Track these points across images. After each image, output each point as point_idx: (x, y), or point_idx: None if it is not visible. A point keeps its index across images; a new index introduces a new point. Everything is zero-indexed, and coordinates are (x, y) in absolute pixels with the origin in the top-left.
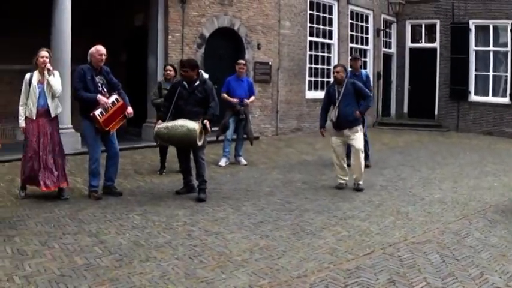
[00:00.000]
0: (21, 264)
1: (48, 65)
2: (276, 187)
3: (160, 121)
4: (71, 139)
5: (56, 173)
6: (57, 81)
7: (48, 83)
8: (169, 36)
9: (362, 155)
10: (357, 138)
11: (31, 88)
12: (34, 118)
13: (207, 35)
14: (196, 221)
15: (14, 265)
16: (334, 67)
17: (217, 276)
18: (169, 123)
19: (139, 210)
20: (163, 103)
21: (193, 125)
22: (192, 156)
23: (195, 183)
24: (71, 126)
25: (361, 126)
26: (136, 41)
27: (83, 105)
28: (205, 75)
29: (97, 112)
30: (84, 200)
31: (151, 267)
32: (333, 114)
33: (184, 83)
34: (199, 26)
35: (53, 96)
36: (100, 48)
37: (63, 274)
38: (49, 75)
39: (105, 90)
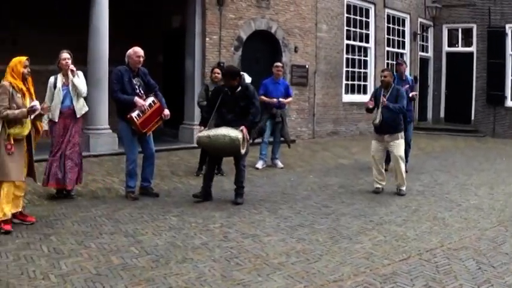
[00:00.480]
0: (57, 262)
1: (72, 66)
2: (312, 190)
3: (202, 127)
4: (108, 139)
5: (69, 173)
6: (82, 81)
7: (73, 84)
8: (207, 39)
9: (402, 162)
10: (397, 145)
11: (55, 91)
12: (56, 120)
13: (244, 37)
14: (232, 223)
15: (50, 263)
16: (382, 71)
17: (253, 279)
18: (211, 132)
19: (176, 212)
20: (205, 108)
21: (236, 134)
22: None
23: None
24: (108, 126)
25: (402, 133)
26: (173, 42)
27: (120, 106)
28: (248, 79)
29: (134, 114)
30: (121, 200)
31: (188, 269)
32: (377, 118)
33: (226, 89)
34: (236, 29)
35: (79, 97)
36: (138, 50)
37: (99, 273)
38: (73, 76)
39: (142, 92)
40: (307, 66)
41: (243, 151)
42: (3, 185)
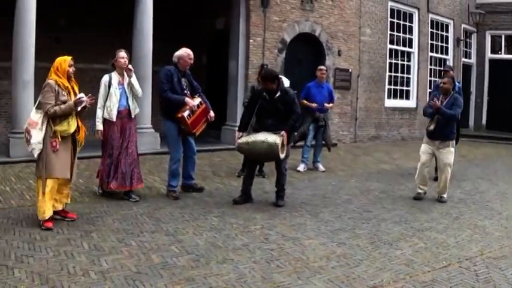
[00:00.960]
0: (98, 259)
1: (130, 66)
2: (353, 195)
3: (241, 134)
4: (150, 139)
5: (130, 174)
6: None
7: (130, 84)
8: (251, 41)
9: (450, 170)
10: (447, 153)
11: (112, 90)
12: (114, 120)
13: (288, 40)
14: (273, 225)
15: (91, 260)
16: (442, 77)
17: (293, 282)
18: (250, 139)
19: (217, 212)
20: (243, 112)
21: (274, 140)
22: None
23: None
24: (150, 126)
25: (453, 142)
26: (217, 44)
27: (167, 106)
28: (287, 83)
29: (185, 114)
30: (162, 200)
31: (228, 269)
32: (432, 124)
33: (265, 93)
34: (280, 31)
35: (134, 97)
36: (190, 52)
37: (139, 271)
38: (130, 75)
39: (189, 92)
40: (350, 70)
41: (282, 156)
42: (48, 182)
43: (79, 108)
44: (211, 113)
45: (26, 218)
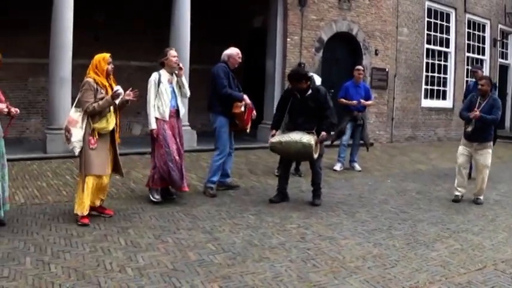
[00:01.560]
0: (134, 256)
1: (181, 64)
2: (390, 195)
3: (274, 131)
4: (187, 136)
5: (184, 173)
6: None
7: (180, 83)
8: (288, 39)
9: (487, 172)
10: (485, 155)
11: (162, 88)
12: (167, 119)
13: (325, 39)
14: (310, 225)
15: (127, 256)
16: (480, 79)
17: (329, 282)
18: (283, 138)
19: (254, 210)
20: (275, 112)
21: (308, 139)
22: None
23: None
24: (188, 123)
25: (491, 143)
26: (254, 42)
27: (224, 102)
28: (318, 81)
29: (242, 109)
30: (199, 197)
31: (264, 268)
32: (470, 126)
33: (296, 92)
34: (317, 30)
35: (183, 96)
36: (239, 51)
37: (175, 268)
38: (180, 75)
39: (239, 90)
40: (387, 70)
41: (315, 156)
42: (87, 179)
43: (117, 101)
44: (254, 112)
45: (63, 214)
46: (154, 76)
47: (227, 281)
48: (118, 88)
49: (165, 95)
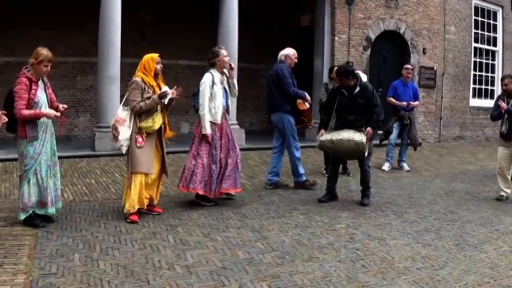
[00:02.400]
0: (183, 253)
1: (233, 64)
2: (438, 196)
3: (323, 130)
4: (236, 135)
5: (235, 174)
6: None
7: (231, 83)
8: (336, 38)
9: None
10: None
11: (215, 89)
12: (219, 122)
13: (373, 37)
14: (358, 224)
15: (176, 254)
16: (502, 79)
17: (378, 282)
18: (334, 137)
19: (303, 210)
20: (322, 110)
21: (360, 138)
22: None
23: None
24: (236, 122)
25: None
26: (301, 41)
27: (289, 100)
28: (364, 78)
29: (307, 106)
30: (247, 195)
31: (313, 268)
32: (503, 125)
33: (343, 90)
34: (365, 28)
35: (232, 96)
36: (295, 51)
37: (224, 267)
38: (232, 75)
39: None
40: (435, 68)
41: (366, 153)
42: (134, 176)
43: (165, 101)
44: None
45: (112, 211)
46: (208, 78)
47: (276, 280)
48: (165, 89)
49: (218, 96)
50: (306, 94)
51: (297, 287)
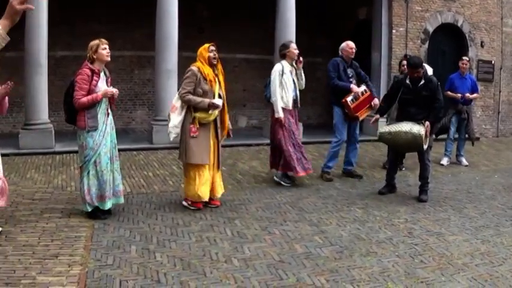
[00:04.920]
0: (241, 247)
1: (301, 57)
2: (497, 191)
3: (378, 115)
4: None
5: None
6: None
7: (299, 75)
8: (393, 31)
9: None
10: None
11: (285, 78)
12: (291, 107)
13: (431, 30)
14: (417, 220)
15: (233, 247)
16: None
17: (437, 278)
18: (393, 128)
19: (361, 204)
20: (383, 98)
21: (419, 130)
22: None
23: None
24: None
25: None
26: (359, 34)
27: (335, 93)
28: (430, 71)
29: (349, 99)
30: (305, 189)
31: (371, 262)
32: None
33: (408, 82)
34: (422, 21)
35: (299, 87)
36: (350, 43)
37: (282, 260)
38: (299, 68)
39: (355, 81)
40: (493, 62)
41: (425, 146)
42: (189, 168)
43: (210, 111)
44: (376, 101)
45: (169, 203)
46: (278, 67)
47: (334, 274)
48: (218, 103)
49: (289, 84)
50: (352, 86)
51: (355, 282)
